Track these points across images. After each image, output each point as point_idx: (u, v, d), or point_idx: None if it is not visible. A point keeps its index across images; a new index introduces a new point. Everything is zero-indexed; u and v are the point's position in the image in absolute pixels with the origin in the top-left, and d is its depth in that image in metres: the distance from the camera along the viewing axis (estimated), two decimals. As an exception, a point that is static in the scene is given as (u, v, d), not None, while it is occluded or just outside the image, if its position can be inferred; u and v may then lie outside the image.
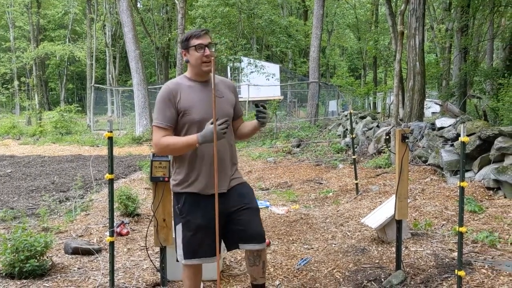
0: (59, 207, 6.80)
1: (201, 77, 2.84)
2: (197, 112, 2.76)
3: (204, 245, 2.78)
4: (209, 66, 2.75)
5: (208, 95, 2.77)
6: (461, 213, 3.19)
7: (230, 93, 2.93)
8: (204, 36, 2.76)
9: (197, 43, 2.73)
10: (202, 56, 2.73)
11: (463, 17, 14.69)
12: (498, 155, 6.12)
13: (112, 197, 3.21)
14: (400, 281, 3.57)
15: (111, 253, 3.18)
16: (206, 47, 2.73)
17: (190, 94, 2.79)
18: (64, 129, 20.82)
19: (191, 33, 2.78)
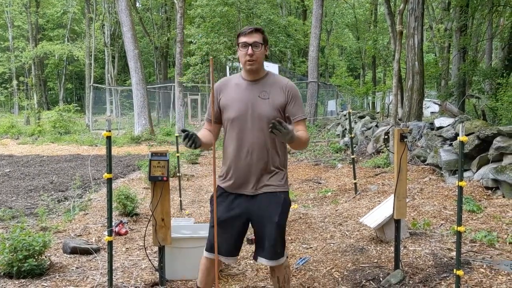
0: (57, 207, 6.79)
1: (248, 74, 2.79)
2: (233, 110, 2.76)
3: (221, 242, 2.78)
4: (252, 65, 2.71)
5: (251, 95, 2.75)
6: (459, 212, 3.19)
7: (279, 95, 2.75)
8: (251, 35, 2.70)
9: (242, 41, 2.70)
10: (245, 55, 2.69)
11: (462, 16, 14.70)
12: (497, 155, 6.12)
13: (110, 196, 3.21)
14: (398, 280, 3.57)
15: (109, 253, 3.17)
16: (250, 46, 2.68)
17: (232, 92, 2.81)
18: (62, 129, 20.80)
19: (241, 30, 2.77)
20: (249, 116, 2.73)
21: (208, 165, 11.43)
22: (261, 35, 2.74)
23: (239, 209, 2.77)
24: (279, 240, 2.75)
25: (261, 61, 2.75)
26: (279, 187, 2.78)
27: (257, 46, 2.70)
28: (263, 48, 2.75)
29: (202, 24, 19.54)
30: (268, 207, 2.73)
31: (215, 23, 18.83)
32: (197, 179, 9.26)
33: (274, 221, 2.70)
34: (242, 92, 2.78)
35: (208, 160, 12.21)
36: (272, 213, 2.72)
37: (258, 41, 2.70)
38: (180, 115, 19.47)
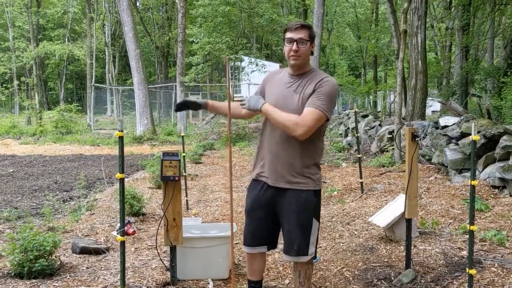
0: (63, 207, 6.79)
1: (292, 69, 2.82)
2: (270, 100, 2.82)
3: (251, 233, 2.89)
4: (296, 60, 2.74)
5: (289, 89, 2.79)
6: (472, 211, 3.18)
7: (310, 89, 2.73)
8: (297, 31, 2.72)
9: (288, 36, 2.74)
10: (290, 51, 2.73)
11: (465, 15, 14.70)
12: (503, 154, 6.12)
13: (123, 196, 3.20)
14: (410, 279, 3.57)
15: (122, 253, 3.17)
16: (295, 42, 2.71)
17: (274, 85, 2.87)
18: (64, 129, 20.79)
19: (288, 25, 2.80)
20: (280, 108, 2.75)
21: (211, 164, 11.43)
22: (307, 31, 2.75)
23: (267, 199, 2.83)
24: (302, 238, 2.76)
25: (305, 57, 2.78)
26: (305, 184, 2.77)
27: (302, 43, 2.73)
28: (309, 45, 2.77)
29: (204, 23, 19.54)
30: (292, 204, 2.76)
31: (217, 22, 18.83)
32: (201, 178, 9.26)
33: (299, 219, 2.75)
34: (282, 86, 2.84)
35: (211, 160, 12.21)
36: (293, 210, 2.75)
37: (304, 37, 2.73)
38: (181, 115, 19.46)
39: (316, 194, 2.83)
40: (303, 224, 2.75)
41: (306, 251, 2.79)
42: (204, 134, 17.84)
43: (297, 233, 2.76)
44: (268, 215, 2.87)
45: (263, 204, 2.85)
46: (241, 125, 17.37)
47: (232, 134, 16.47)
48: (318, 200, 2.86)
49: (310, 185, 2.78)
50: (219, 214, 6.24)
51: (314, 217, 2.81)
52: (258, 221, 2.87)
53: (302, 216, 2.75)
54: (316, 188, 2.81)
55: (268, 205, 2.84)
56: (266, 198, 2.84)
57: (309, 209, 2.77)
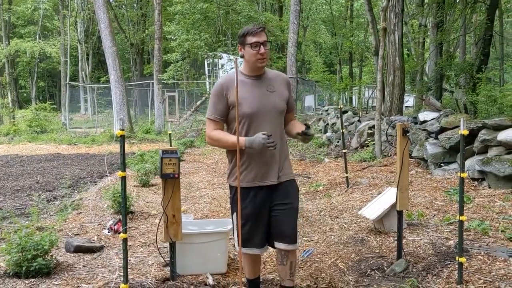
0: (48, 207, 6.74)
1: (255, 72, 2.94)
2: (248, 105, 2.86)
3: (254, 236, 2.93)
4: (263, 62, 2.87)
5: (261, 90, 2.92)
6: (461, 202, 3.35)
7: (283, 88, 3.01)
8: (260, 34, 2.83)
9: (253, 41, 2.82)
10: (257, 54, 2.83)
11: (439, 12, 15.06)
12: (482, 147, 6.35)
13: (124, 194, 3.24)
14: (403, 269, 3.72)
15: (124, 250, 3.20)
16: (261, 45, 2.83)
17: (242, 89, 2.88)
18: (39, 128, 20.43)
19: (248, 29, 2.85)
20: (263, 110, 2.88)
21: (193, 162, 11.45)
22: (265, 33, 2.91)
23: (263, 201, 2.91)
24: (295, 226, 2.97)
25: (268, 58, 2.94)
26: (292, 173, 3.05)
27: (266, 45, 2.87)
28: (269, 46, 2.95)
29: (182, 20, 19.46)
30: (290, 193, 2.94)
31: (195, 19, 18.78)
32: (185, 176, 9.29)
33: (295, 207, 2.96)
34: (251, 88, 2.91)
35: (193, 157, 12.22)
36: (293, 199, 2.96)
37: (267, 39, 2.89)
38: (159, 112, 19.37)
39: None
40: (296, 209, 2.99)
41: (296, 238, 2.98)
42: (183, 131, 17.80)
43: (292, 219, 2.93)
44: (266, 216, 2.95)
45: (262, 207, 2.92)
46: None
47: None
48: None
49: (294, 174, 3.13)
50: (207, 210, 6.30)
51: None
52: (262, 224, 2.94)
53: (297, 202, 3.01)
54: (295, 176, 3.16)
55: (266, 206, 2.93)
56: (261, 201, 2.91)
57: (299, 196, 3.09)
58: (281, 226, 2.91)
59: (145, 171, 8.18)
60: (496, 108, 9.11)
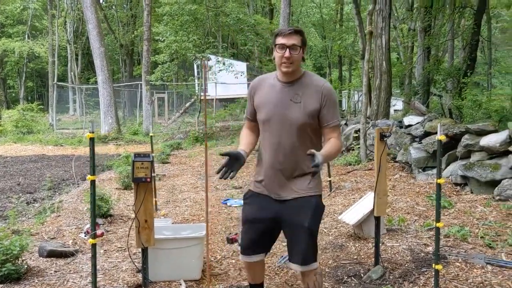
0: (27, 209, 6.62)
1: (283, 76, 2.70)
2: (264, 112, 2.72)
3: (248, 240, 2.80)
4: (288, 68, 2.61)
5: (284, 98, 2.66)
6: (438, 208, 3.30)
7: (313, 99, 2.64)
8: (290, 36, 2.59)
9: (280, 42, 2.60)
10: (282, 57, 2.59)
11: (426, 17, 15.11)
12: (465, 152, 6.34)
13: (94, 198, 3.16)
14: (379, 276, 3.66)
15: (93, 255, 3.13)
16: (288, 48, 2.58)
17: (266, 92, 2.74)
18: (25, 128, 20.19)
19: (279, 30, 2.66)
20: (279, 120, 2.67)
21: (179, 164, 11.35)
22: (300, 36, 2.63)
23: (268, 211, 2.73)
24: (311, 245, 2.66)
25: (298, 64, 2.65)
26: (309, 190, 2.69)
27: (295, 49, 2.60)
28: (301, 51, 2.64)
29: (171, 22, 19.36)
30: (299, 212, 2.65)
31: (183, 21, 18.69)
32: (169, 178, 9.19)
33: (305, 226, 2.62)
34: (276, 94, 2.71)
35: (179, 160, 12.13)
36: (303, 218, 2.64)
37: (297, 43, 2.61)
38: (147, 114, 19.25)
39: (321, 199, 2.77)
40: (312, 230, 2.65)
41: (314, 258, 2.70)
42: (170, 133, 17.69)
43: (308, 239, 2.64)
44: (269, 227, 2.77)
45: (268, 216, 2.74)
46: (209, 125, 17.31)
47: (200, 133, 16.40)
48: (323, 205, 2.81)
49: (314, 191, 2.71)
50: (188, 214, 6.21)
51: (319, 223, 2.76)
52: (258, 232, 2.78)
53: (312, 222, 2.65)
54: (318, 193, 2.74)
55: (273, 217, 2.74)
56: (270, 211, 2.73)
57: (318, 214, 2.71)
58: (291, 245, 2.72)
59: (127, 173, 8.08)
60: (481, 113, 9.12)
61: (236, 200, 6.71)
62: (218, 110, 19.79)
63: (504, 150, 5.65)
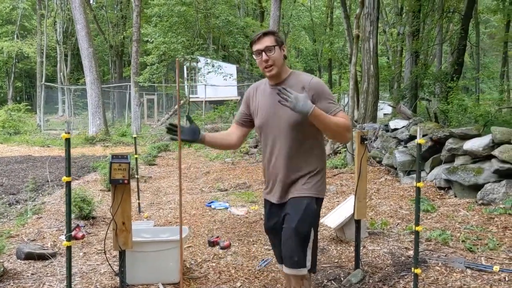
0: (8, 210, 6.53)
1: (271, 80, 2.71)
2: (259, 118, 2.74)
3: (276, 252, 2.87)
4: (271, 70, 2.62)
5: (274, 100, 2.62)
6: (417, 212, 3.28)
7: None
8: (261, 40, 2.61)
9: (255, 49, 2.63)
10: (262, 62, 2.61)
11: (414, 21, 15.20)
12: (449, 156, 6.37)
13: (69, 200, 3.10)
14: (359, 280, 3.65)
15: (68, 258, 3.07)
16: (263, 52, 2.60)
17: (259, 99, 2.77)
18: (12, 129, 20.00)
19: (253, 38, 2.67)
20: (273, 124, 2.67)
21: (166, 166, 11.29)
22: (271, 37, 2.63)
23: (277, 216, 2.74)
24: (299, 249, 2.58)
25: (279, 64, 2.63)
26: (303, 191, 2.64)
27: (270, 50, 2.60)
28: (279, 50, 2.63)
29: (159, 23, 19.29)
30: (290, 212, 2.62)
31: (172, 22, 18.64)
32: (154, 180, 9.13)
33: (292, 227, 2.56)
34: (266, 99, 2.72)
35: (166, 161, 12.06)
36: (291, 219, 2.59)
37: (270, 44, 2.60)
38: (136, 115, 19.15)
39: (318, 202, 2.69)
40: (300, 232, 2.58)
41: (303, 263, 2.60)
42: (159, 135, 17.60)
43: (290, 241, 2.58)
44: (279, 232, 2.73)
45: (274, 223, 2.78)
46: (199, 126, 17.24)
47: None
48: (319, 209, 2.72)
49: (308, 192, 2.65)
50: (172, 216, 6.17)
51: (312, 226, 2.65)
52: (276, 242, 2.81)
53: (300, 224, 2.57)
54: (312, 194, 2.65)
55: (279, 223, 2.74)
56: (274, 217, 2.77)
57: (308, 217, 2.61)
58: (282, 248, 2.66)
59: (112, 175, 7.99)
60: (467, 118, 9.17)
61: (220, 203, 6.67)
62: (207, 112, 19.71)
63: (487, 154, 5.68)
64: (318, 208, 2.69)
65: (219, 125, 18.15)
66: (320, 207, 2.73)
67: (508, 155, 5.28)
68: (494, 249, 4.11)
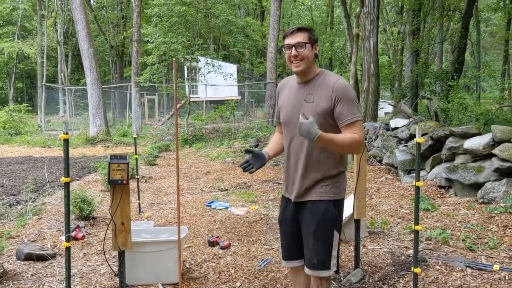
0: (9, 211, 6.53)
1: (298, 77, 2.66)
2: (284, 114, 2.72)
3: (283, 246, 2.84)
4: (298, 66, 2.57)
5: (299, 98, 2.63)
6: (416, 211, 3.28)
7: (324, 98, 2.54)
8: (293, 35, 2.57)
9: (286, 42, 2.60)
10: (290, 57, 2.57)
11: (415, 20, 15.18)
12: (449, 155, 6.36)
13: (68, 201, 3.11)
14: (358, 279, 3.64)
15: (67, 259, 3.08)
16: (293, 47, 2.55)
17: (286, 94, 2.75)
18: (13, 130, 20.03)
19: (286, 31, 2.67)
20: (294, 121, 2.59)
21: (166, 166, 11.29)
22: (305, 33, 2.59)
23: (290, 213, 2.73)
24: (319, 251, 2.59)
25: (308, 61, 2.58)
26: (320, 195, 2.61)
27: (301, 46, 2.55)
28: (310, 47, 2.58)
29: (160, 23, 19.29)
30: (308, 216, 2.62)
31: (172, 22, 18.64)
32: (155, 180, 9.13)
33: (310, 231, 2.59)
34: (292, 96, 2.70)
35: (167, 161, 12.06)
36: (310, 222, 2.61)
37: (302, 40, 2.56)
38: (136, 116, 19.15)
39: (337, 204, 2.63)
40: (318, 236, 2.59)
41: (324, 265, 2.60)
42: (160, 135, 17.60)
43: (314, 245, 2.59)
44: (293, 229, 2.75)
45: (289, 218, 2.75)
46: (198, 126, 17.26)
47: (189, 135, 16.34)
48: (339, 211, 2.66)
49: (326, 195, 2.60)
50: (172, 217, 6.17)
51: (335, 229, 2.62)
52: (288, 234, 2.78)
53: (318, 228, 2.58)
54: (330, 198, 2.60)
55: (294, 219, 2.73)
56: (290, 212, 2.73)
57: (327, 220, 2.59)
58: (304, 249, 2.68)
59: (112, 175, 7.99)
60: (468, 116, 9.16)
61: (220, 203, 6.67)
62: (208, 112, 19.71)
63: (487, 153, 5.67)
64: (337, 211, 2.63)
65: (219, 125, 18.14)
66: (340, 209, 2.67)
67: (509, 153, 5.27)
68: (494, 248, 4.10)
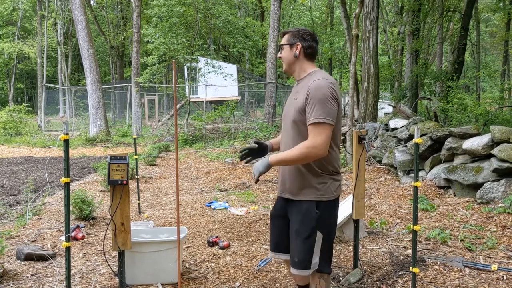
0: (9, 212, 6.54)
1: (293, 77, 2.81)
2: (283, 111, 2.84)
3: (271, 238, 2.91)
4: (283, 67, 2.77)
5: (292, 96, 2.73)
6: (415, 212, 3.29)
7: (303, 96, 2.55)
8: (280, 39, 2.76)
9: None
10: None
11: (414, 21, 15.19)
12: (448, 155, 6.37)
13: (68, 201, 3.12)
14: (357, 279, 3.66)
15: (67, 259, 3.09)
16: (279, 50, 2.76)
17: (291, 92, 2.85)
18: (13, 130, 20.05)
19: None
20: (285, 118, 2.76)
21: (166, 166, 11.30)
22: (286, 36, 2.72)
23: (281, 209, 2.79)
24: (301, 251, 2.61)
25: (287, 62, 2.71)
26: (302, 195, 2.62)
27: (281, 49, 2.73)
28: (288, 49, 2.69)
29: (159, 24, 19.30)
30: (293, 215, 2.66)
31: (172, 23, 18.64)
32: (155, 181, 9.15)
33: (293, 230, 2.64)
34: (290, 94, 2.81)
35: (166, 162, 12.07)
36: (293, 221, 2.65)
37: (282, 43, 2.73)
38: (136, 116, 19.15)
39: (320, 206, 2.60)
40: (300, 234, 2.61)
41: (305, 264, 2.61)
42: (159, 135, 17.62)
43: (296, 244, 2.62)
44: (284, 223, 2.78)
45: (279, 212, 2.81)
46: (198, 127, 17.27)
47: (189, 135, 16.35)
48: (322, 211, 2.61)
49: (310, 196, 2.60)
50: (172, 217, 6.18)
51: (318, 229, 2.60)
52: (277, 228, 2.85)
53: (301, 227, 2.61)
54: (314, 198, 2.59)
55: (283, 214, 2.77)
56: (280, 207, 2.80)
57: (309, 221, 2.59)
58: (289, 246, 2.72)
59: (112, 175, 8.00)
60: (467, 117, 9.17)
61: (220, 203, 6.68)
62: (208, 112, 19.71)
63: (486, 153, 5.68)
64: (320, 211, 2.60)
65: (219, 125, 18.15)
66: (324, 210, 2.61)
67: (507, 154, 5.28)
68: (492, 248, 4.11)
